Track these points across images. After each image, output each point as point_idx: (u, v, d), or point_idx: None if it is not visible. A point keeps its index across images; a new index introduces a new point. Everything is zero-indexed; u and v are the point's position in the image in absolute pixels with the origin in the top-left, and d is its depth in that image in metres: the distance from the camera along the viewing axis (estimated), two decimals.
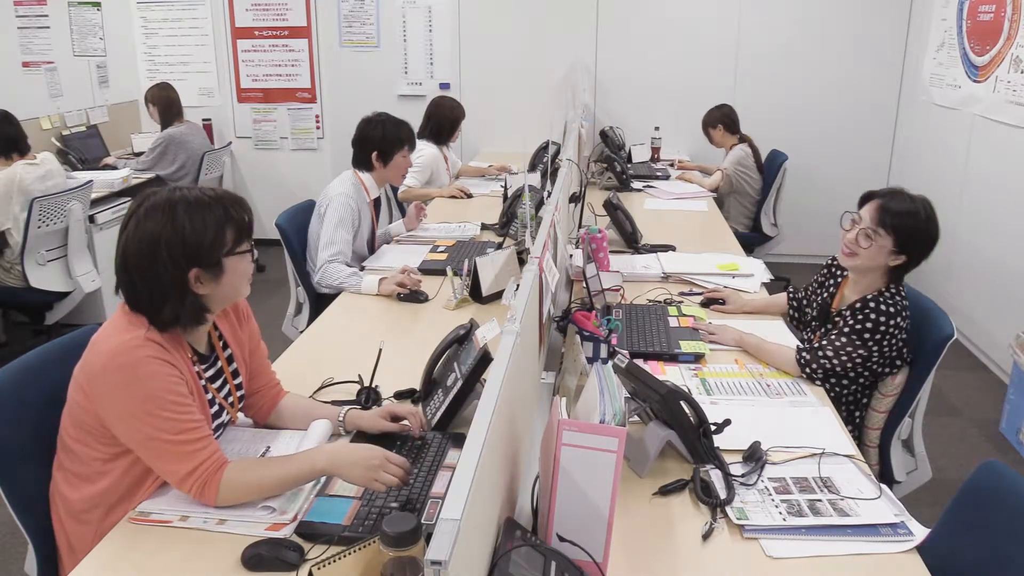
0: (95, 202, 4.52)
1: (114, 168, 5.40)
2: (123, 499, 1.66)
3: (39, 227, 3.98)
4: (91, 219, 4.41)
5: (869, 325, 2.19)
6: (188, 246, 1.60)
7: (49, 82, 5.65)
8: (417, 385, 2.10)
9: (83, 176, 4.61)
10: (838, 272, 2.52)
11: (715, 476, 1.73)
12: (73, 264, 4.25)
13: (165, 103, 5.51)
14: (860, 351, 2.20)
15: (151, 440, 1.58)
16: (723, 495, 1.67)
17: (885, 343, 2.20)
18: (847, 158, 5.84)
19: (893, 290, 2.26)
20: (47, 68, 5.76)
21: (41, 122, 5.30)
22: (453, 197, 4.55)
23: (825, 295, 2.52)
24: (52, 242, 4.14)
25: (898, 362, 2.29)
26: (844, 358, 2.21)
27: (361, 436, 1.88)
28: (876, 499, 1.68)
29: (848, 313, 2.25)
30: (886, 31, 5.81)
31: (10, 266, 4.06)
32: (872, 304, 2.21)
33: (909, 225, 2.23)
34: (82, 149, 5.52)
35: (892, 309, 2.20)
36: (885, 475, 2.35)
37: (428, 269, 3.10)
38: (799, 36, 5.88)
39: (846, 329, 2.22)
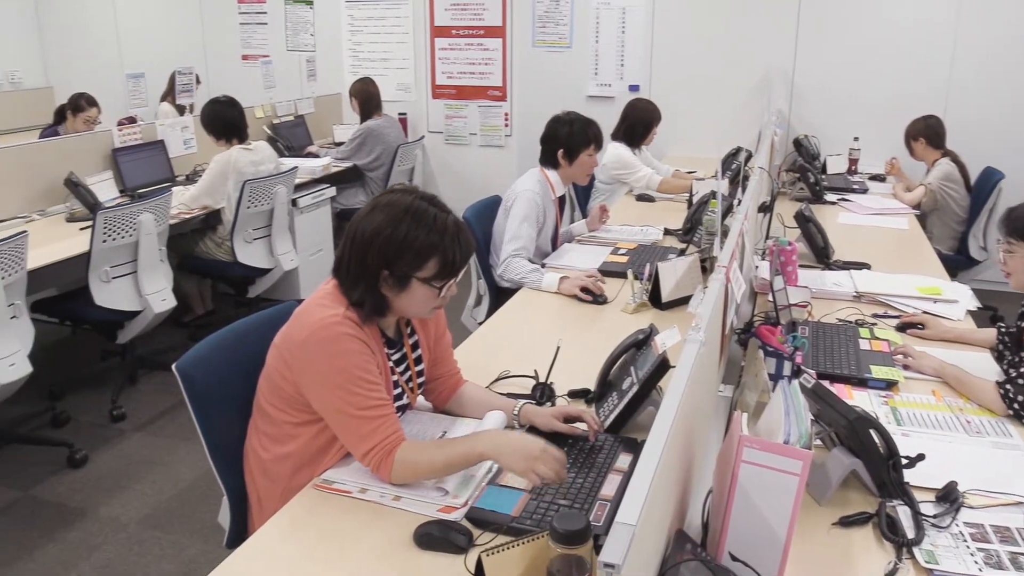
0: (298, 187, 4.83)
1: (316, 156, 5.77)
2: (309, 463, 1.77)
3: (248, 207, 4.31)
4: (293, 203, 4.72)
5: None
6: (392, 248, 1.70)
7: (264, 74, 6.10)
8: (591, 385, 2.09)
9: (289, 163, 4.96)
10: None
11: (903, 513, 1.62)
12: (275, 243, 4.57)
13: (365, 97, 5.80)
14: None
15: (339, 412, 1.68)
16: (911, 534, 1.56)
17: None
18: None
19: None
20: (263, 61, 6.21)
21: (255, 111, 5.74)
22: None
23: (1019, 324, 2.36)
24: (258, 222, 4.47)
25: None
26: None
27: (534, 432, 1.89)
28: None
29: None
30: None
31: (221, 241, 4.44)
32: None
33: None
34: (289, 137, 5.94)
35: None
36: None
37: (608, 271, 3.09)
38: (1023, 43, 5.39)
39: None
